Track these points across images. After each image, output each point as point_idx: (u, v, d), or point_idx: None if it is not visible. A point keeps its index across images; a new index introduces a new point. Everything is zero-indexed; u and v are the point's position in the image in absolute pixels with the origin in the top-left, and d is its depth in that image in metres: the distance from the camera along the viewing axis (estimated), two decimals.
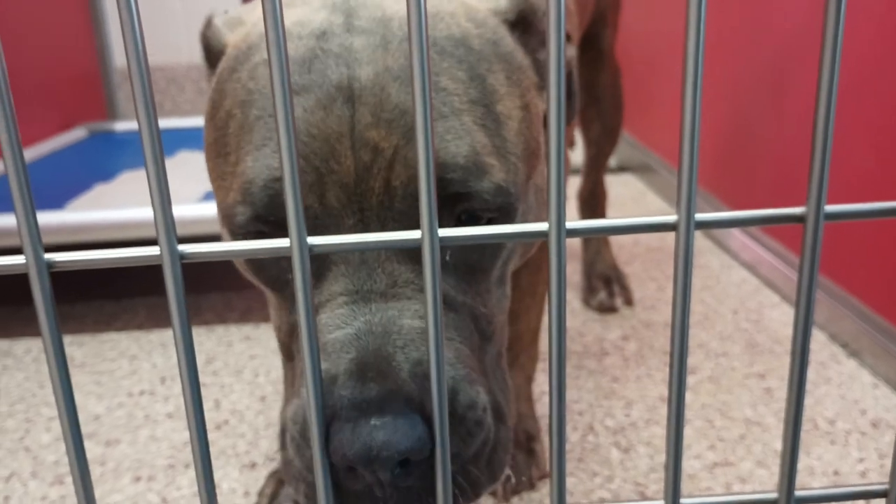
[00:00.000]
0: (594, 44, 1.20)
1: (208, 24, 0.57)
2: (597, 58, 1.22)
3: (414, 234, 0.31)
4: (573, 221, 0.31)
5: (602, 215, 1.36)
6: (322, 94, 0.46)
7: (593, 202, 1.35)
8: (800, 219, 0.31)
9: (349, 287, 0.45)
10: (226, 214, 0.48)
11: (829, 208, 0.32)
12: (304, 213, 0.46)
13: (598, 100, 1.25)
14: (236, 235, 0.48)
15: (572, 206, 1.74)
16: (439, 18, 0.50)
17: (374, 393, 0.41)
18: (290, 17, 0.50)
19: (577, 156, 2.06)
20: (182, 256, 0.30)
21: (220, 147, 0.50)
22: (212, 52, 0.57)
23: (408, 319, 0.44)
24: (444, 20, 0.50)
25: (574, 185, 1.91)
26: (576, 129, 1.36)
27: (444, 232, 0.31)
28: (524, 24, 0.55)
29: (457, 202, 0.47)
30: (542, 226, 0.31)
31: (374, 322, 0.44)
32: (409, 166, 0.45)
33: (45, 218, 1.12)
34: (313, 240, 0.31)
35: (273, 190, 0.46)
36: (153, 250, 0.30)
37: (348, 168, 0.45)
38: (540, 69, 0.57)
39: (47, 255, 0.29)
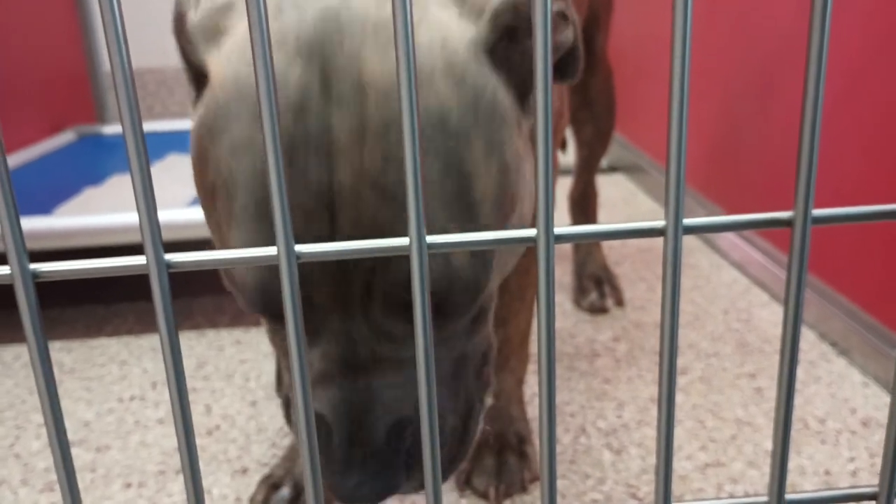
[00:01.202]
0: (586, 46, 1.20)
1: (181, 26, 0.51)
2: (589, 60, 1.22)
3: (402, 241, 0.31)
4: (561, 227, 0.31)
5: (593, 217, 1.36)
6: (304, 199, 0.44)
7: (584, 203, 1.35)
8: (787, 223, 0.32)
9: (333, 352, 0.50)
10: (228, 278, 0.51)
11: (817, 212, 0.32)
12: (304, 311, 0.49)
13: (590, 102, 1.25)
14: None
15: (562, 209, 1.74)
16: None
17: (358, 458, 0.51)
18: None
19: (569, 157, 2.06)
20: (169, 266, 0.29)
21: (211, 210, 0.49)
22: (192, 68, 0.52)
23: (386, 391, 0.51)
24: (422, 88, 0.45)
25: (564, 185, 1.91)
26: (568, 130, 1.36)
27: (431, 239, 0.31)
28: (506, 37, 0.50)
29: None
30: (530, 232, 0.31)
31: (357, 392, 0.51)
32: (387, 283, 0.46)
33: (34, 223, 1.11)
34: (300, 247, 0.30)
35: (264, 299, 0.48)
36: (140, 259, 0.29)
37: (332, 273, 0.47)
38: (522, 80, 0.52)
39: (32, 266, 0.29)
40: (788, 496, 0.36)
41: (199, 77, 0.52)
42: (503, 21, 0.49)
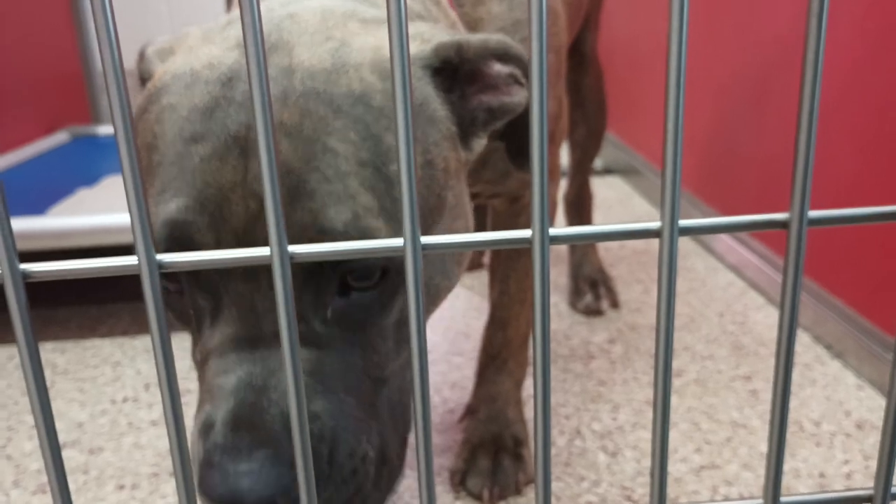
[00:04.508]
0: (577, 47, 1.21)
1: (142, 55, 0.57)
2: (580, 61, 1.22)
3: (397, 242, 0.30)
4: (557, 228, 0.31)
5: (589, 218, 1.37)
6: (219, 144, 0.47)
7: (580, 205, 1.35)
8: (783, 225, 0.31)
9: (238, 333, 0.47)
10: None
11: (813, 214, 0.32)
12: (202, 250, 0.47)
13: (582, 103, 1.26)
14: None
15: (558, 211, 1.74)
16: (343, 72, 0.48)
17: (244, 443, 0.44)
18: (203, 56, 0.51)
19: (563, 159, 2.06)
20: (161, 266, 0.29)
21: (142, 174, 0.51)
22: (145, 82, 0.58)
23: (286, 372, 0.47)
24: (348, 73, 0.49)
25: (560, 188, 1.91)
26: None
27: (426, 240, 0.31)
28: (450, 70, 0.53)
29: (337, 265, 0.47)
30: (525, 233, 0.30)
31: (255, 373, 0.46)
32: (292, 226, 0.46)
33: (27, 223, 1.11)
34: (294, 248, 0.30)
35: (170, 231, 0.47)
36: (131, 260, 0.29)
37: (239, 217, 0.46)
38: (475, 116, 0.55)
39: (23, 266, 0.29)
40: (783, 499, 0.36)
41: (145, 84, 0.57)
42: (445, 53, 0.53)
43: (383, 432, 0.51)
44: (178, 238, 0.46)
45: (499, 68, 0.55)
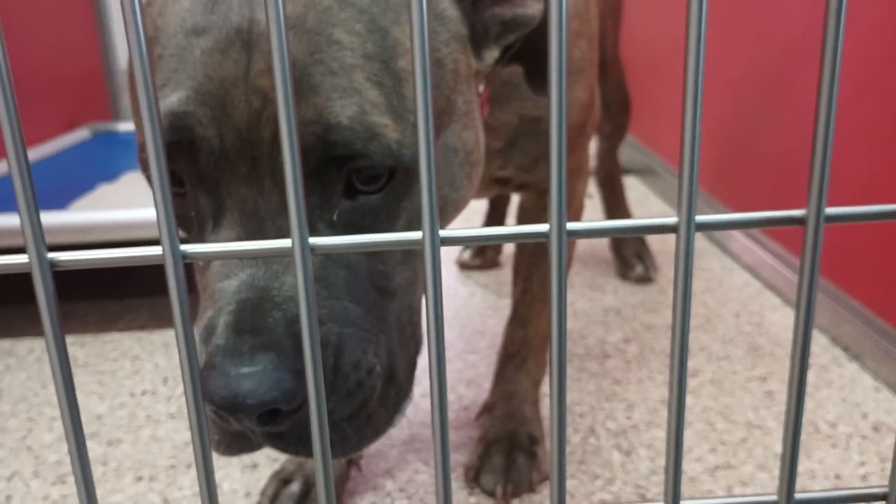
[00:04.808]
0: (600, 50, 1.23)
1: None
2: (602, 62, 1.25)
3: (415, 235, 0.31)
4: (573, 223, 0.31)
5: (620, 191, 1.45)
6: (221, 36, 0.45)
7: (611, 180, 1.43)
8: (800, 221, 0.32)
9: (241, 236, 0.46)
10: (139, 154, 0.48)
11: (830, 210, 0.32)
12: (203, 147, 0.45)
13: (606, 104, 1.31)
14: (147, 174, 0.49)
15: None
16: None
17: (246, 346, 0.43)
18: None
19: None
20: (184, 256, 0.30)
21: (133, 80, 0.50)
22: None
23: (291, 276, 0.45)
24: None
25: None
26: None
27: (444, 233, 0.31)
28: None
29: (343, 164, 0.45)
30: (542, 227, 0.31)
31: (258, 276, 0.45)
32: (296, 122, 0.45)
33: (49, 218, 1.12)
34: (314, 240, 0.31)
35: (171, 122, 0.45)
36: (155, 250, 0.30)
37: (241, 113, 0.45)
38: (487, 27, 0.53)
39: (50, 255, 0.29)
40: (798, 495, 0.36)
41: None
42: None
43: (391, 348, 0.49)
44: (179, 130, 0.45)
45: None
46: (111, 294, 1.34)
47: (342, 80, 0.45)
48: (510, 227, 0.31)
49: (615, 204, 1.43)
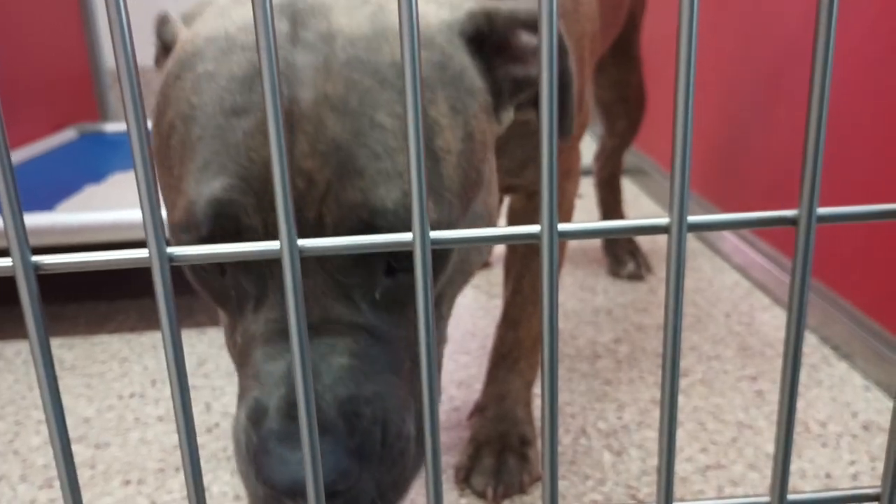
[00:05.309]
0: (625, 48, 1.28)
1: (164, 19, 0.55)
2: (627, 60, 1.29)
3: (405, 237, 0.31)
4: (564, 224, 0.31)
5: (619, 193, 1.46)
6: (263, 117, 0.45)
7: (612, 182, 1.44)
8: (792, 221, 0.31)
9: (285, 317, 0.46)
10: (173, 234, 0.48)
11: (822, 211, 0.32)
12: (248, 235, 0.45)
13: (626, 99, 1.33)
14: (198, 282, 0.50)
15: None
16: (384, 39, 0.47)
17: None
18: (237, 19, 0.48)
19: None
20: (171, 259, 0.29)
21: (164, 157, 0.49)
22: (167, 48, 0.55)
23: (337, 357, 0.46)
24: (389, 41, 0.47)
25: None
26: (598, 124, 1.45)
27: (435, 234, 0.31)
28: (482, 40, 0.52)
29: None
30: (533, 228, 0.31)
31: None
32: (341, 205, 0.44)
33: (35, 219, 1.11)
34: (303, 242, 0.30)
35: (216, 210, 0.45)
36: (142, 253, 0.29)
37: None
38: (501, 87, 0.54)
39: (34, 258, 0.29)
40: (790, 496, 0.36)
41: (168, 50, 0.55)
42: (477, 21, 0.52)
43: (420, 410, 0.51)
44: (224, 219, 0.45)
45: (527, 39, 0.53)
46: (100, 295, 1.33)
47: (386, 164, 0.45)
48: (501, 228, 0.31)
49: (613, 206, 1.44)
